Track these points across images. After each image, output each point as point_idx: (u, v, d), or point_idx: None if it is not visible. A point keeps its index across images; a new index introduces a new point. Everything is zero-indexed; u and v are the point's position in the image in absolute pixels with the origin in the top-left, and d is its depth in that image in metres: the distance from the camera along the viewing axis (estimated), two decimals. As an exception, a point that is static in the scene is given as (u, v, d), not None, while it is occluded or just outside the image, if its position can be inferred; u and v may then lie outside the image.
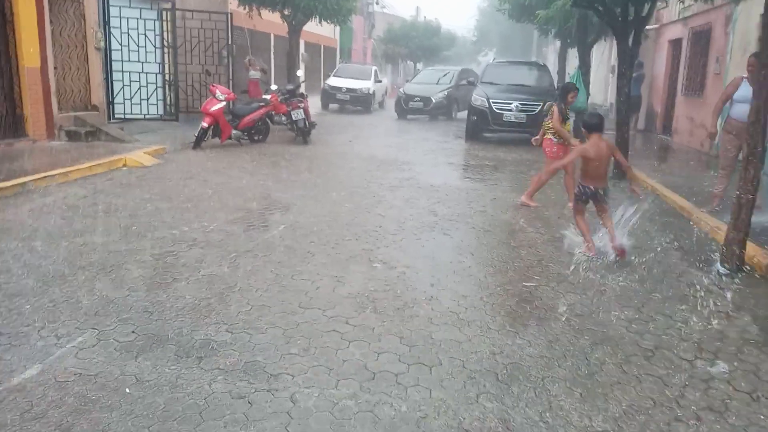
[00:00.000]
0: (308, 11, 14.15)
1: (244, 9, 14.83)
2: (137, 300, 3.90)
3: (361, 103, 20.57)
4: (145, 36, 12.00)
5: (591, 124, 5.31)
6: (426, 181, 8.47)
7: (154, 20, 12.08)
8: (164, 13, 12.43)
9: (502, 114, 12.59)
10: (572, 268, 4.81)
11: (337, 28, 30.74)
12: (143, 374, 3.00)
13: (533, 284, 4.43)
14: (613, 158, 5.45)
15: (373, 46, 37.67)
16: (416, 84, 19.43)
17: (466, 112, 15.91)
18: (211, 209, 6.35)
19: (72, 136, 10.62)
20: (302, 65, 25.07)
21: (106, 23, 11.49)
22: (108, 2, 11.44)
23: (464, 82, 18.68)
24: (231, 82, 13.52)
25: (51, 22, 10.51)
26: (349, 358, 3.23)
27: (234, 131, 11.27)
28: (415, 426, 2.66)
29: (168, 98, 12.53)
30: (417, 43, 36.64)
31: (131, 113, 12.18)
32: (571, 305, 4.04)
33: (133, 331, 3.46)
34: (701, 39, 12.69)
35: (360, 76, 21.39)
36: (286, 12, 14.74)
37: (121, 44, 11.79)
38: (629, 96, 9.02)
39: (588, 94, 12.95)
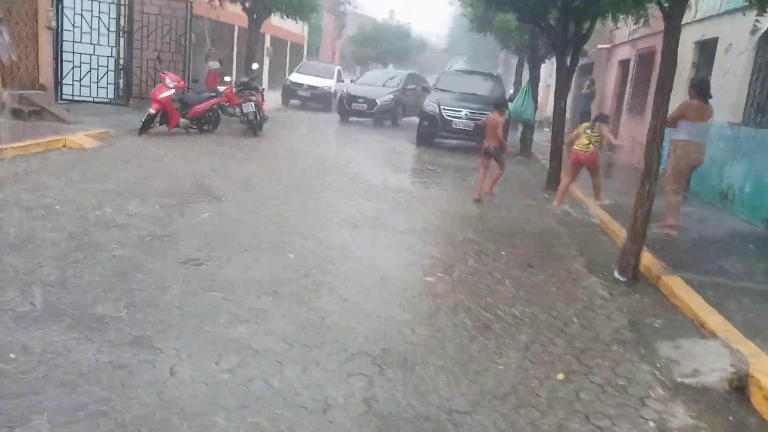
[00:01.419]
0: (269, 5, 14.22)
1: (207, -1, 14.82)
2: (44, 275, 3.98)
3: (321, 100, 20.69)
4: (99, 18, 11.91)
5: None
6: (364, 179, 8.68)
7: (109, 3, 11.99)
8: (121, -4, 12.36)
9: (452, 121, 12.92)
10: (469, 262, 5.07)
11: (306, 26, 30.86)
12: (31, 343, 3.10)
13: (433, 279, 4.67)
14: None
15: (343, 46, 37.79)
16: (361, 85, 18.30)
17: (411, 119, 17.02)
18: (139, 194, 6.42)
19: (16, 114, 10.46)
20: (266, 59, 25.13)
21: (59, 2, 11.37)
22: (62, -19, 11.33)
23: (412, 86, 18.13)
24: (188, 70, 13.49)
25: (0, -3, 10.35)
26: (236, 337, 3.39)
27: (182, 119, 11.26)
28: (281, 399, 2.84)
29: (119, 83, 12.42)
30: (386, 47, 36.92)
31: (80, 95, 12.08)
32: (460, 299, 4.29)
33: (31, 303, 3.55)
34: (646, 61, 13.25)
35: (323, 75, 21.51)
36: (247, 4, 14.77)
37: (73, 25, 11.69)
38: (564, 110, 9.40)
39: (535, 107, 13.38)
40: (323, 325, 3.65)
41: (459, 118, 12.93)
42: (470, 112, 12.94)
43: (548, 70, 26.53)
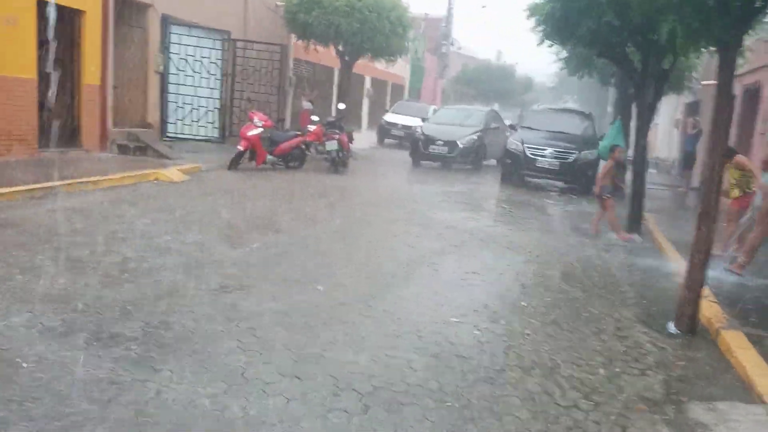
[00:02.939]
0: (358, 48, 14.79)
1: (303, 42, 15.68)
2: (84, 294, 4.31)
3: (415, 140, 20.88)
4: (201, 62, 12.97)
5: None
6: (429, 216, 8.62)
7: (210, 48, 13.03)
8: (223, 42, 13.40)
9: (536, 159, 12.57)
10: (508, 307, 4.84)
11: (407, 66, 31.63)
12: (45, 355, 3.36)
13: (458, 320, 4.51)
14: None
15: (445, 86, 38.25)
16: (438, 125, 15.71)
17: (494, 161, 15.95)
18: (204, 224, 6.82)
19: (122, 149, 11.58)
20: (365, 100, 25.96)
21: (166, 48, 12.54)
22: (170, 29, 12.49)
23: (495, 125, 16.41)
24: (278, 110, 14.26)
25: (116, 45, 11.62)
26: (233, 365, 3.46)
27: (269, 156, 11.88)
28: (251, 428, 2.85)
29: (216, 122, 13.37)
30: (488, 86, 36.89)
31: (183, 133, 13.12)
32: (480, 340, 4.10)
33: (62, 319, 3.86)
34: (752, 96, 12.23)
35: (417, 114, 21.81)
36: (340, 47, 15.45)
37: (178, 69, 12.80)
38: (645, 148, 8.84)
39: (627, 144, 12.69)
40: (322, 359, 3.64)
41: (543, 156, 12.56)
42: (556, 151, 12.53)
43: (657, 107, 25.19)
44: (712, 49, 7.05)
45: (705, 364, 4.15)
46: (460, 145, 14.59)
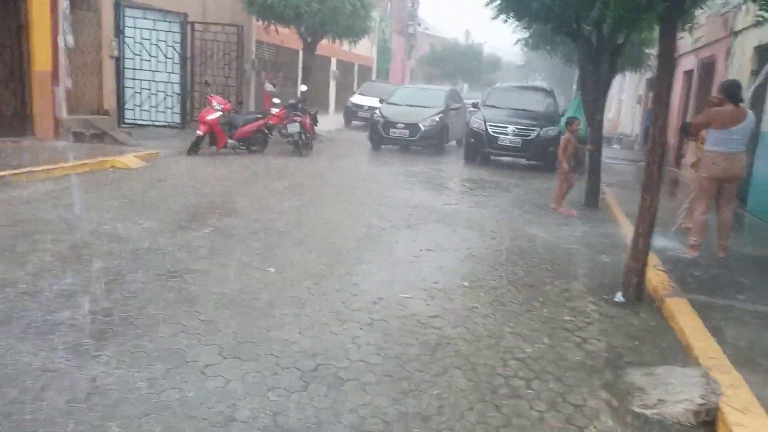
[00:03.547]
0: (320, 29, 14.61)
1: (263, 24, 15.42)
2: (25, 282, 4.21)
3: (381, 121, 20.77)
4: (157, 46, 12.67)
5: None
6: (386, 195, 8.62)
7: (167, 31, 12.73)
8: (180, 25, 13.09)
9: (498, 137, 12.63)
10: (437, 284, 4.88)
11: (374, 47, 31.41)
12: (-21, 345, 3.29)
13: (408, 296, 4.53)
14: None
15: (413, 67, 38.11)
16: (397, 105, 14.76)
17: (454, 143, 15.79)
18: (159, 209, 6.70)
19: (78, 137, 11.28)
20: (332, 82, 25.74)
21: (121, 32, 12.21)
22: (124, 13, 12.17)
23: (456, 106, 15.61)
24: (238, 94, 14.03)
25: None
26: (174, 348, 3.42)
27: (229, 140, 11.72)
28: (188, 410, 2.83)
29: (175, 107, 13.12)
30: (456, 65, 36.86)
31: (141, 119, 12.86)
32: (427, 312, 4.13)
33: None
34: (708, 70, 12.43)
35: (384, 95, 21.68)
36: (302, 29, 15.24)
37: (134, 53, 12.49)
38: (601, 124, 8.94)
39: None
40: (266, 339, 3.62)
41: (505, 134, 12.62)
42: (517, 128, 12.61)
43: (621, 83, 25.54)
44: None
45: (648, 330, 4.25)
46: (422, 128, 13.84)
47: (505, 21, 9.75)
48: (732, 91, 6.04)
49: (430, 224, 7.01)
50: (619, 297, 4.85)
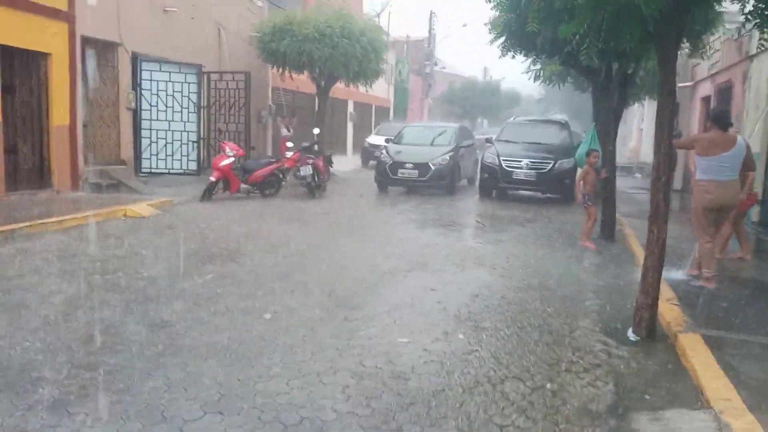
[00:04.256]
0: (332, 74, 14.82)
1: (278, 71, 15.72)
2: (13, 337, 4.16)
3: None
4: (173, 96, 12.97)
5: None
6: (399, 237, 8.50)
7: (182, 82, 13.05)
8: (197, 76, 13.40)
9: (512, 172, 12.49)
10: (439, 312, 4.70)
11: (391, 88, 31.79)
12: (-43, 405, 3.22)
13: (407, 340, 4.36)
14: None
15: (431, 105, 38.43)
16: (405, 145, 14.09)
17: (465, 181, 15.15)
18: (163, 258, 6.69)
19: (95, 187, 11.50)
20: (349, 124, 26.04)
21: (138, 85, 12.54)
22: (141, 66, 12.51)
23: (467, 143, 14.95)
24: (248, 139, 14.19)
25: (84, 84, 11.63)
26: (154, 404, 3.31)
27: (243, 185, 11.81)
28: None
29: (190, 154, 13.33)
30: (474, 102, 37.05)
31: (157, 168, 13.07)
32: (427, 354, 3.95)
33: (-15, 365, 3.72)
34: (725, 96, 12.20)
35: (400, 135, 21.79)
36: (316, 74, 15.48)
37: (150, 104, 12.80)
38: (614, 155, 8.75)
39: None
40: (251, 391, 3.49)
41: (519, 168, 12.48)
42: (531, 162, 12.46)
43: (641, 112, 25.30)
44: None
45: (659, 370, 4.00)
46: (432, 167, 13.05)
47: (513, 57, 9.74)
48: (719, 117, 5.90)
49: (437, 263, 6.85)
50: (630, 334, 4.61)
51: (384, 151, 13.97)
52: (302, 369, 3.81)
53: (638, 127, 25.87)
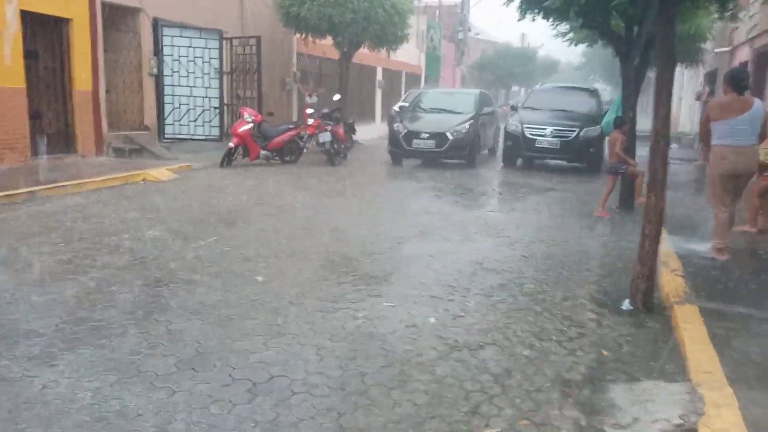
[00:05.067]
0: (355, 39, 14.63)
1: (301, 36, 15.60)
2: (13, 293, 4.31)
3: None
4: (194, 62, 13.02)
5: None
6: (409, 206, 8.44)
7: (203, 48, 13.08)
8: (218, 41, 13.40)
9: (536, 139, 12.22)
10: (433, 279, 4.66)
11: (422, 55, 31.27)
12: (-53, 354, 3.36)
13: (392, 304, 4.35)
14: None
15: (464, 73, 37.73)
16: (421, 113, 13.27)
17: (486, 152, 14.37)
18: (171, 220, 6.81)
19: (118, 152, 11.73)
20: (378, 91, 25.78)
21: (159, 51, 12.62)
22: (162, 32, 12.57)
23: (488, 110, 14.06)
24: (260, 104, 14.13)
25: (107, 50, 11.77)
26: (131, 356, 3.39)
27: (262, 151, 11.88)
28: (122, 422, 2.77)
29: (212, 120, 13.42)
30: (507, 69, 36.24)
31: (180, 133, 13.23)
32: (410, 316, 3.94)
33: (-19, 319, 3.87)
34: (764, 61, 11.60)
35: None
36: (338, 40, 15.31)
37: (172, 70, 12.88)
38: (634, 121, 8.43)
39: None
40: (228, 349, 3.54)
41: (543, 136, 12.19)
42: (555, 130, 12.16)
43: (679, 80, 24.36)
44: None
45: (648, 341, 3.89)
46: (450, 137, 12.11)
47: (533, 20, 9.42)
48: (735, 79, 5.53)
49: (441, 232, 6.78)
50: (626, 305, 4.49)
51: (398, 120, 13.15)
52: (282, 330, 3.85)
53: (677, 96, 24.94)
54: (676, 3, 4.20)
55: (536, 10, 8.56)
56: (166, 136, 13.08)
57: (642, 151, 10.16)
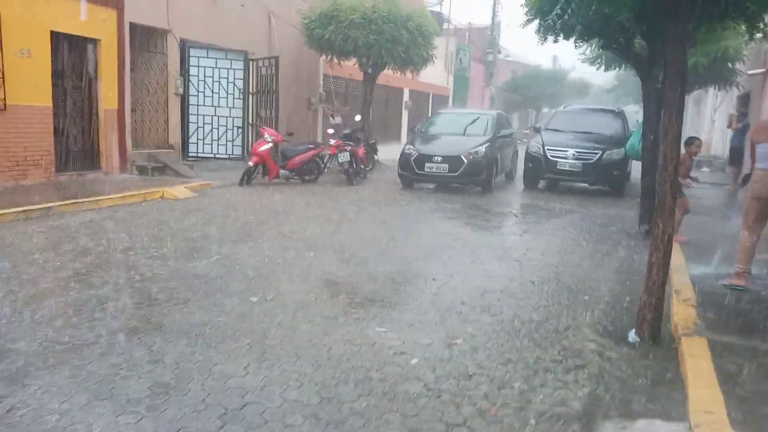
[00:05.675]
0: (379, 61, 14.66)
1: (326, 58, 15.73)
2: (4, 309, 4.32)
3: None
4: (219, 83, 13.22)
5: None
6: (417, 229, 8.30)
7: (228, 68, 13.27)
8: (243, 62, 13.58)
9: (557, 162, 11.97)
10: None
11: (450, 76, 31.29)
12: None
13: (385, 329, 4.20)
14: None
15: (492, 94, 37.56)
16: (433, 136, 12.53)
17: (503, 176, 13.69)
18: (180, 238, 6.81)
19: (141, 170, 11.91)
20: (404, 112, 25.85)
21: (185, 71, 12.86)
22: (189, 53, 12.81)
23: (506, 132, 13.45)
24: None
25: (134, 70, 12.04)
26: (107, 378, 3.33)
27: (282, 171, 11.91)
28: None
29: (235, 140, 13.56)
30: (537, 91, 35.96)
31: (204, 152, 13.39)
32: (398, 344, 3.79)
33: (-30, 334, 3.87)
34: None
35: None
36: (363, 61, 15.37)
37: (197, 90, 13.10)
38: (656, 144, 8.15)
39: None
40: (206, 372, 3.45)
41: (565, 158, 11.94)
42: (578, 152, 11.90)
43: (714, 102, 23.77)
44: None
45: (652, 376, 3.66)
46: (465, 161, 11.27)
47: (555, 41, 9.27)
48: None
49: (449, 254, 6.62)
50: (632, 336, 4.27)
51: (409, 143, 12.37)
52: (266, 354, 3.74)
53: (710, 119, 24.32)
54: (684, 20, 4.02)
55: (550, 34, 8.42)
56: (189, 154, 13.25)
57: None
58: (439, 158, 11.45)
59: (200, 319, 4.27)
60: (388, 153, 18.99)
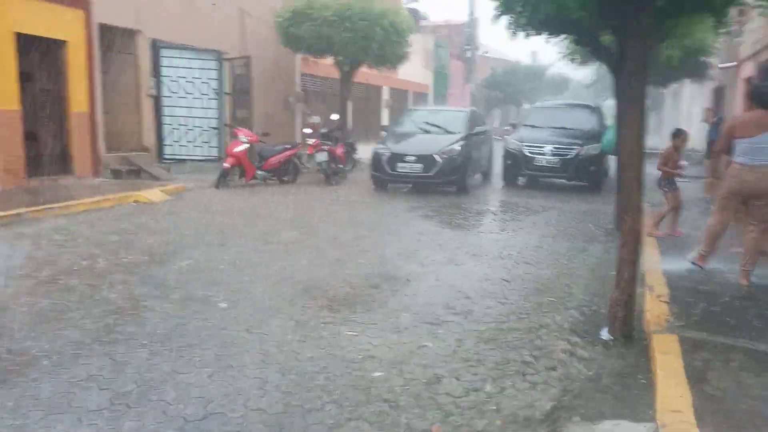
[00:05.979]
0: (354, 58, 14.59)
1: (303, 57, 15.63)
2: (-31, 321, 4.21)
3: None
4: (192, 83, 13.06)
5: None
6: (392, 229, 8.26)
7: (201, 69, 13.12)
8: (216, 62, 13.44)
9: (534, 158, 12.00)
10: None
11: (430, 73, 31.28)
12: None
13: (355, 333, 4.15)
14: None
15: (472, 91, 37.65)
16: (406, 135, 11.88)
17: (479, 175, 13.24)
18: (150, 243, 6.69)
19: (116, 174, 11.73)
20: (384, 110, 25.79)
21: (158, 72, 12.67)
22: (160, 53, 12.63)
23: (481, 129, 12.64)
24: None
25: (105, 72, 11.84)
26: (66, 391, 3.24)
27: (258, 171, 11.80)
28: None
29: (211, 141, 13.41)
30: (516, 87, 36.12)
31: (179, 154, 13.22)
32: (368, 348, 3.73)
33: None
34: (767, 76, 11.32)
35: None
36: (339, 59, 15.30)
37: (171, 91, 12.92)
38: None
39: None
40: (169, 382, 3.37)
41: (542, 154, 11.97)
42: (555, 148, 11.94)
43: (687, 96, 24.08)
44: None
45: (621, 374, 3.64)
46: (439, 160, 10.81)
47: (527, 36, 9.27)
48: (759, 93, 5.29)
49: (425, 254, 6.58)
50: (605, 334, 4.26)
51: (380, 143, 11.87)
52: (232, 361, 3.67)
53: (687, 111, 24.62)
54: (646, 14, 4.02)
55: (520, 29, 8.41)
56: (165, 156, 13.07)
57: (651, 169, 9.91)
58: (413, 158, 11.02)
59: (167, 327, 4.17)
60: (368, 152, 18.92)
